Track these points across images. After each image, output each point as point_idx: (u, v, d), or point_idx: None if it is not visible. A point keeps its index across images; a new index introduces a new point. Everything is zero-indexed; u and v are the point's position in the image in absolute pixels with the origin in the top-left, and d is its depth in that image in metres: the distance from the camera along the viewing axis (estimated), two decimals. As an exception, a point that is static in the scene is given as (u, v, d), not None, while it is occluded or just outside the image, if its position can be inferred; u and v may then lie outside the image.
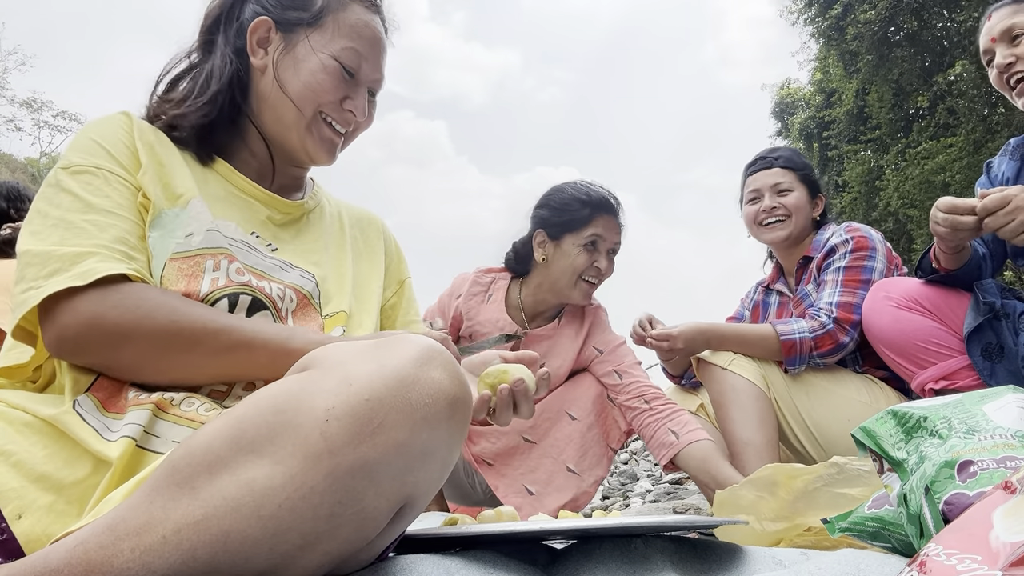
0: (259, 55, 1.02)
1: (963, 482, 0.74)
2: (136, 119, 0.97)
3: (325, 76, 1.01)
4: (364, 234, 1.18)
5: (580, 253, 1.85)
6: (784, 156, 2.06)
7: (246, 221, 1.00)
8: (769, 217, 2.00)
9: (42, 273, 0.80)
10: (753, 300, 2.21)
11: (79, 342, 0.80)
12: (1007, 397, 0.86)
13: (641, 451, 5.97)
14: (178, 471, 0.56)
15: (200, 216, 0.92)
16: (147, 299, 0.82)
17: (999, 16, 1.64)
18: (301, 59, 1.01)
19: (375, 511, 0.59)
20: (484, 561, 0.75)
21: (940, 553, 0.57)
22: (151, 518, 0.54)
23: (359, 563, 0.67)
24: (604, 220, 1.87)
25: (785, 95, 19.02)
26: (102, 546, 0.54)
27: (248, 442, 0.56)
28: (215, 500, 0.54)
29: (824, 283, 1.85)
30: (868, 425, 0.93)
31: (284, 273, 0.98)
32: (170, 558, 0.53)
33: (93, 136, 0.92)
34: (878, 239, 1.89)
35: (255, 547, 0.54)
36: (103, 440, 0.77)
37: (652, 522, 0.83)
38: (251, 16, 1.03)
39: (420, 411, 0.59)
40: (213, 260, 0.90)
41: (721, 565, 0.82)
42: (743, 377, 1.78)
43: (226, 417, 0.59)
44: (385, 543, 0.68)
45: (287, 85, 1.01)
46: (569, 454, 1.86)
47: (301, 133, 1.02)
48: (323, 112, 1.02)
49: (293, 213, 1.07)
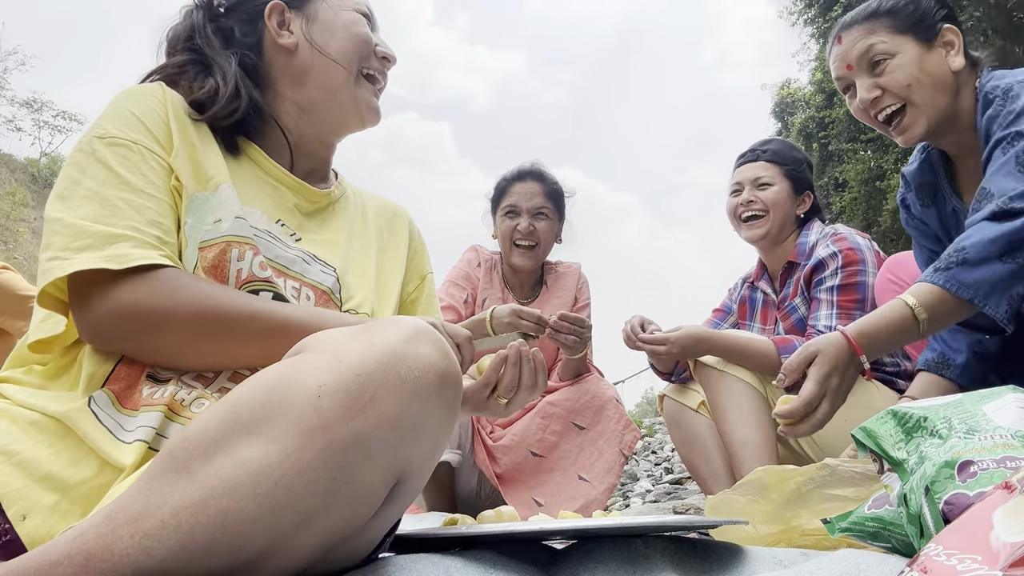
0: (285, 36, 1.04)
1: (963, 482, 0.74)
2: (169, 93, 0.96)
3: (359, 27, 1.06)
4: (390, 225, 1.18)
5: (503, 221, 2.16)
6: (772, 149, 1.99)
7: (273, 208, 1.00)
8: (746, 211, 1.96)
9: (72, 245, 0.79)
10: (740, 294, 2.15)
11: (115, 329, 0.80)
12: (1007, 397, 0.86)
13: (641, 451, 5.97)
14: (175, 457, 0.57)
15: (229, 202, 0.91)
16: (182, 286, 0.82)
17: (851, 38, 1.43)
18: (331, 19, 1.05)
19: (370, 487, 0.60)
20: (484, 561, 0.75)
21: (940, 553, 0.57)
22: (149, 503, 0.55)
23: (357, 548, 0.68)
24: (517, 186, 2.17)
25: (785, 95, 19.02)
26: (101, 535, 0.55)
27: (243, 423, 0.56)
28: (212, 481, 0.55)
29: (818, 302, 1.81)
30: (868, 425, 0.93)
31: (306, 266, 0.98)
32: (169, 541, 0.54)
33: (130, 107, 0.91)
34: (866, 247, 1.84)
35: (253, 526, 0.55)
36: (117, 442, 0.77)
37: (652, 522, 0.83)
38: (255, 8, 1.05)
39: (410, 384, 0.59)
40: (238, 249, 0.89)
41: (721, 565, 0.82)
42: (739, 378, 1.78)
43: (221, 402, 0.59)
44: (382, 526, 0.68)
45: (328, 48, 1.04)
46: (581, 463, 1.87)
47: (352, 92, 1.06)
48: (364, 66, 1.07)
49: (320, 202, 1.07)
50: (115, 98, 0.93)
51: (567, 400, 1.95)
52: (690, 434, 1.96)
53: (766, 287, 2.05)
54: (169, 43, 1.05)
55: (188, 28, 1.04)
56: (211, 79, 0.98)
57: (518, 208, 2.14)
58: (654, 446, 6.01)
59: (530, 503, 1.82)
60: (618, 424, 1.93)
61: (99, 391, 0.81)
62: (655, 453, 5.74)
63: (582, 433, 1.89)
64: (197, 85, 0.98)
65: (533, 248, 2.13)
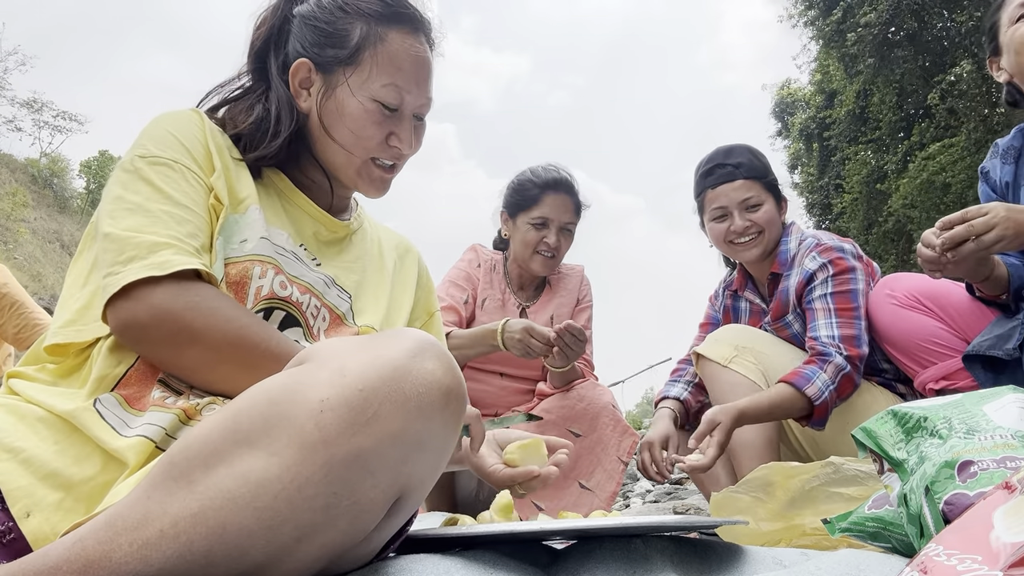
0: (303, 97, 1.02)
1: (963, 482, 0.74)
2: (207, 119, 0.98)
3: (367, 123, 1.00)
4: (402, 261, 1.20)
5: (530, 230, 2.06)
6: (745, 164, 1.89)
7: (296, 234, 1.02)
8: (742, 236, 1.88)
9: (119, 259, 0.81)
10: (723, 304, 2.12)
11: (146, 331, 0.81)
12: (1007, 397, 0.86)
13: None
14: (175, 466, 0.56)
15: (255, 223, 0.93)
16: (221, 308, 0.83)
17: None
18: (342, 103, 1.00)
19: (371, 502, 0.59)
20: (484, 561, 0.75)
21: (940, 553, 0.57)
22: (148, 512, 0.55)
23: (357, 559, 0.67)
24: (551, 199, 2.06)
25: (785, 95, 19.01)
26: (100, 542, 0.55)
27: (244, 434, 0.56)
28: (211, 492, 0.54)
29: (813, 312, 1.78)
30: (868, 425, 0.93)
31: (326, 289, 1.00)
32: (167, 551, 0.54)
33: (170, 129, 0.93)
34: (852, 254, 1.82)
35: (251, 539, 0.55)
36: (119, 436, 0.77)
37: (652, 522, 0.82)
38: (293, 55, 1.02)
39: (414, 401, 0.59)
40: (260, 267, 0.91)
41: (721, 565, 0.82)
42: (743, 375, 1.77)
43: (223, 411, 0.59)
44: (383, 538, 0.68)
45: (332, 131, 1.01)
46: (579, 470, 1.85)
47: (351, 173, 1.04)
48: (372, 156, 1.03)
49: (339, 232, 1.09)
50: (154, 120, 0.95)
51: (561, 408, 1.92)
52: None
53: (752, 296, 2.02)
54: (251, 51, 1.05)
55: (267, 32, 1.04)
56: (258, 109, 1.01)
57: (550, 221, 2.06)
58: (654, 447, 6.00)
59: (530, 507, 1.81)
60: (615, 431, 1.92)
61: (107, 394, 0.82)
62: (655, 454, 5.72)
63: (579, 440, 1.87)
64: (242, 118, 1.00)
65: (554, 258, 2.10)
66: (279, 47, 1.04)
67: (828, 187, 17.12)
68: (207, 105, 1.04)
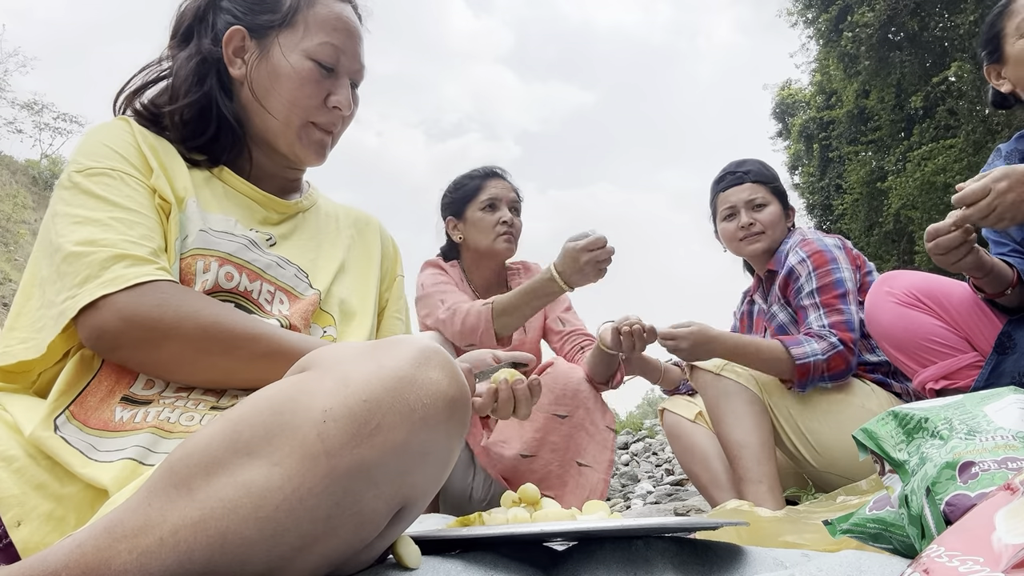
0: (237, 65, 1.02)
1: (964, 483, 0.74)
2: (135, 124, 0.98)
3: (304, 82, 1.00)
4: (361, 234, 1.19)
5: (484, 216, 2.09)
6: (754, 170, 2.05)
7: (246, 218, 1.01)
8: (747, 233, 2.01)
9: (75, 281, 0.81)
10: (742, 310, 2.21)
11: (120, 337, 0.81)
12: (1008, 398, 0.86)
13: (642, 452, 5.97)
14: (175, 473, 0.56)
15: (193, 217, 0.93)
16: (188, 300, 0.83)
17: None
18: (277, 64, 1.00)
19: (373, 513, 0.59)
20: (484, 563, 0.74)
21: (942, 555, 0.57)
22: (148, 520, 0.54)
23: (358, 565, 0.67)
24: (492, 182, 2.12)
25: (786, 95, 19.01)
26: (99, 548, 0.54)
27: (245, 443, 0.56)
28: (212, 501, 0.54)
29: (804, 310, 1.84)
30: (869, 426, 0.92)
31: (281, 271, 1.00)
32: (167, 560, 0.53)
33: (102, 140, 0.93)
34: (833, 246, 1.89)
35: (252, 549, 0.54)
36: (90, 461, 0.76)
37: (653, 523, 0.82)
38: (224, 26, 1.02)
39: (418, 412, 0.58)
40: (203, 262, 0.91)
41: (722, 566, 0.82)
42: (735, 381, 1.78)
43: (224, 419, 0.59)
44: (384, 545, 0.68)
45: (267, 97, 1.00)
46: (574, 450, 1.84)
47: (289, 140, 1.03)
48: (308, 119, 1.02)
49: (288, 212, 1.08)
50: (84, 136, 0.95)
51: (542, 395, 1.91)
52: (689, 444, 1.98)
53: (760, 299, 2.11)
54: (173, 32, 1.05)
55: (192, 13, 1.04)
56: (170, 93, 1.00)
57: (498, 200, 2.10)
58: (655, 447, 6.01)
59: None
60: (596, 403, 1.91)
61: (62, 417, 0.81)
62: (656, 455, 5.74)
63: (565, 421, 1.85)
64: (163, 99, 1.00)
65: (513, 235, 2.12)
66: (206, 24, 1.03)
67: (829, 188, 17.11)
68: (131, 88, 1.03)
